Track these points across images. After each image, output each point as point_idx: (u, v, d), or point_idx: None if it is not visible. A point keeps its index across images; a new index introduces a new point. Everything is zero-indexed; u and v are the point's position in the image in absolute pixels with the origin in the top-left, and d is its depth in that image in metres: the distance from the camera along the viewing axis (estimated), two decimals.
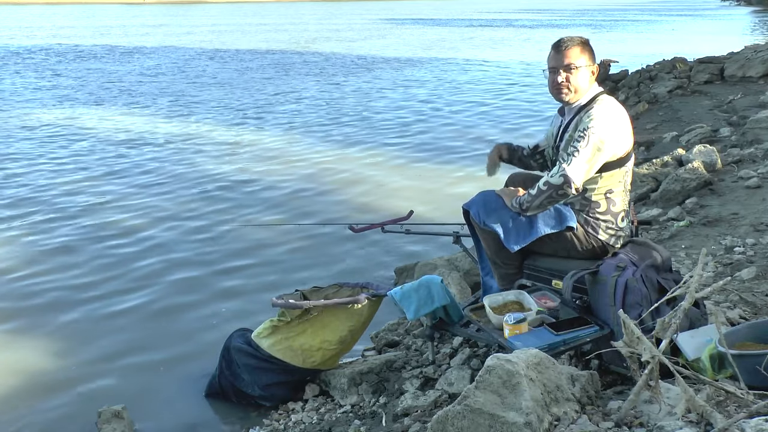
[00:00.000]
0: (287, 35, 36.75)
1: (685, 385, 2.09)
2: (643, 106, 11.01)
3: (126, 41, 32.59)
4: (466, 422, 2.09)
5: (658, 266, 2.96)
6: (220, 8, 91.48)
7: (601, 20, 47.97)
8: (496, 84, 17.15)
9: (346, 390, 3.50)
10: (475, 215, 3.24)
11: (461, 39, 33.14)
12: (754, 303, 3.28)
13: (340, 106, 14.02)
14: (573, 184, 2.96)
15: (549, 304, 3.01)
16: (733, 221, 4.90)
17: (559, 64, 3.12)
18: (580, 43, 3.14)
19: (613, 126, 3.02)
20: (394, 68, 20.90)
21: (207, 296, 5.18)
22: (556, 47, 3.16)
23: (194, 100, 14.86)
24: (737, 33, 31.05)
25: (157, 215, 7.06)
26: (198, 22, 52.19)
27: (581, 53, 3.11)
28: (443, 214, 6.10)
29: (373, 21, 52.29)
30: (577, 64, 3.10)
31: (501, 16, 57.25)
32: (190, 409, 3.73)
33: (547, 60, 3.21)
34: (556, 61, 3.14)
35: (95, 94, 15.94)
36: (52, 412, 3.76)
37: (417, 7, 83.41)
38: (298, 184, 8.20)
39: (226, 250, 6.09)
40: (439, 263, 4.86)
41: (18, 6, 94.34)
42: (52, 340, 4.55)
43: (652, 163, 6.53)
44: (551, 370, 2.30)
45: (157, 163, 9.30)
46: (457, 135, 10.97)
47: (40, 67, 21.29)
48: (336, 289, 3.74)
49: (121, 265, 5.76)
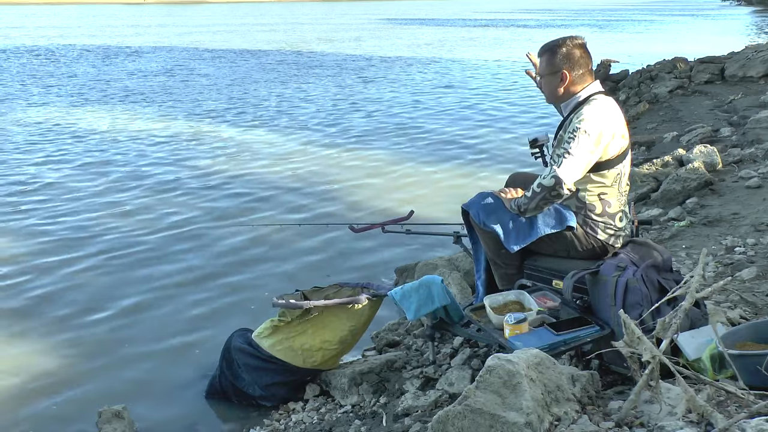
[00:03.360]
0: (287, 35, 36.76)
1: (685, 385, 2.09)
2: (643, 106, 11.00)
3: (126, 41, 32.59)
4: (466, 422, 2.09)
5: (658, 266, 2.96)
6: (221, 8, 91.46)
7: (602, 20, 47.96)
8: (496, 84, 17.16)
9: (347, 390, 3.50)
10: (475, 216, 3.24)
11: (462, 39, 33.15)
12: (754, 303, 3.28)
13: (340, 106, 14.02)
14: (565, 185, 2.96)
15: (549, 304, 3.00)
16: (733, 221, 4.90)
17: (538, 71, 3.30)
18: (546, 50, 3.21)
19: (604, 127, 3.00)
20: (395, 68, 20.90)
21: (207, 296, 5.18)
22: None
23: (194, 101, 14.86)
24: (738, 33, 31.05)
25: (157, 215, 7.06)
26: (199, 23, 52.19)
27: (544, 61, 3.21)
28: (443, 214, 6.11)
29: (373, 21, 52.29)
30: (541, 72, 3.23)
31: (502, 16, 57.24)
32: (191, 409, 3.74)
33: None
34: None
35: (94, 93, 15.94)
36: (52, 412, 3.76)
37: (417, 7, 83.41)
38: (298, 184, 8.20)
39: (227, 250, 6.09)
40: (439, 263, 4.86)
41: (18, 6, 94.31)
42: (52, 340, 4.55)
43: (653, 163, 6.52)
44: (552, 370, 2.30)
45: (155, 162, 9.30)
46: (457, 135, 10.97)
47: (41, 67, 21.29)
48: (336, 289, 3.74)
49: (121, 265, 5.76)
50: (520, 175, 3.55)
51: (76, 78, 18.87)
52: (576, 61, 3.14)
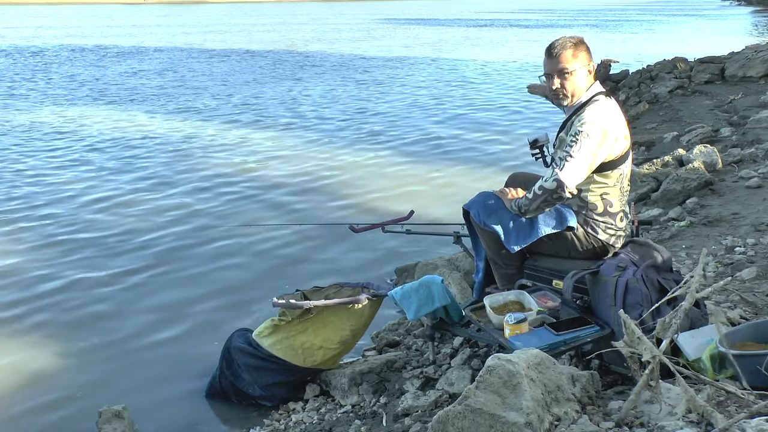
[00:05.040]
0: (287, 35, 36.75)
1: (685, 385, 2.09)
2: (643, 106, 11.01)
3: (126, 41, 32.59)
4: (466, 422, 2.09)
5: (658, 266, 2.96)
6: (221, 8, 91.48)
7: (601, 20, 47.96)
8: (497, 84, 17.16)
9: (347, 390, 3.50)
10: (476, 216, 3.24)
11: (462, 39, 33.15)
12: (754, 303, 3.28)
13: (340, 106, 14.02)
14: (566, 188, 2.95)
15: (549, 304, 3.01)
16: (733, 221, 4.90)
17: (553, 69, 3.09)
18: (572, 45, 3.08)
19: (606, 128, 2.99)
20: (395, 68, 20.90)
21: (207, 296, 5.18)
22: (548, 52, 3.11)
23: (194, 101, 14.86)
24: (738, 33, 31.04)
25: (157, 215, 7.06)
26: (200, 22, 52.18)
27: (573, 56, 3.06)
28: (444, 214, 6.11)
29: (374, 21, 52.29)
30: (569, 68, 3.06)
31: (502, 16, 57.23)
32: (191, 409, 3.73)
33: (543, 65, 3.17)
34: (549, 67, 3.11)
35: (94, 94, 15.94)
36: (52, 412, 3.76)
37: (418, 8, 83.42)
38: (298, 184, 8.20)
39: (227, 249, 6.09)
40: (439, 263, 4.86)
41: (18, 6, 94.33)
42: (52, 340, 4.55)
43: (653, 163, 6.52)
44: (552, 370, 2.30)
45: (155, 162, 9.30)
46: (457, 135, 10.97)
47: (40, 68, 21.29)
48: (337, 289, 3.74)
49: (121, 265, 5.76)
50: (520, 175, 3.55)
51: (76, 78, 18.86)
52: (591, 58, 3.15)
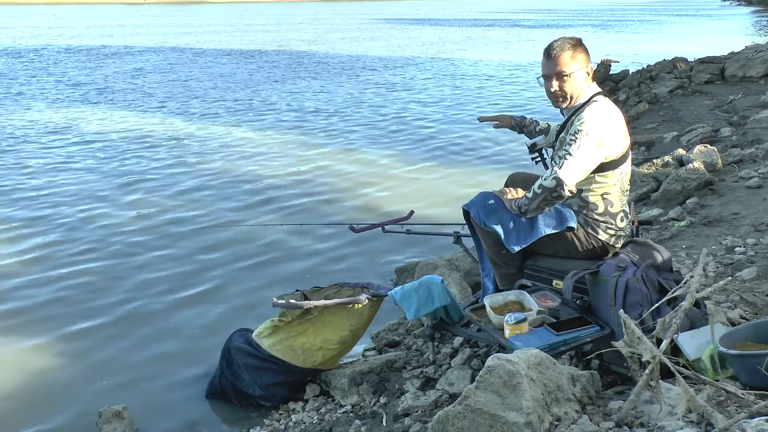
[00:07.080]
0: (287, 35, 36.75)
1: (685, 385, 2.09)
2: (643, 106, 11.01)
3: (125, 41, 32.59)
4: (466, 422, 2.09)
5: (658, 266, 2.96)
6: (221, 8, 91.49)
7: (601, 20, 47.96)
8: (497, 84, 17.16)
9: (347, 390, 3.50)
10: (476, 216, 3.24)
11: (462, 39, 33.15)
12: (754, 303, 3.28)
13: (340, 106, 14.02)
14: (566, 186, 2.95)
15: (549, 304, 3.01)
16: (733, 221, 4.90)
17: (551, 71, 3.08)
18: (571, 47, 3.07)
19: (606, 128, 2.99)
20: (395, 68, 20.90)
21: (207, 296, 5.18)
22: (546, 54, 3.10)
23: (194, 101, 14.86)
24: (738, 33, 31.04)
25: (157, 215, 7.06)
26: (200, 22, 52.18)
27: (572, 58, 3.06)
28: (444, 214, 6.11)
29: (374, 21, 52.29)
30: (567, 70, 3.04)
31: (502, 16, 57.23)
32: (191, 409, 3.74)
33: (541, 67, 3.17)
34: (547, 69, 3.10)
35: (93, 93, 15.94)
36: (52, 412, 3.76)
37: (418, 8, 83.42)
38: (298, 184, 8.20)
39: (227, 249, 6.08)
40: (439, 263, 4.86)
41: (18, 6, 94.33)
42: (52, 340, 4.55)
43: (653, 163, 6.52)
44: (552, 370, 2.30)
45: (155, 162, 9.30)
46: (457, 135, 10.97)
47: (40, 68, 21.29)
48: (336, 289, 3.74)
49: (120, 265, 5.76)
50: (519, 175, 3.55)
51: (75, 78, 18.86)
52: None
